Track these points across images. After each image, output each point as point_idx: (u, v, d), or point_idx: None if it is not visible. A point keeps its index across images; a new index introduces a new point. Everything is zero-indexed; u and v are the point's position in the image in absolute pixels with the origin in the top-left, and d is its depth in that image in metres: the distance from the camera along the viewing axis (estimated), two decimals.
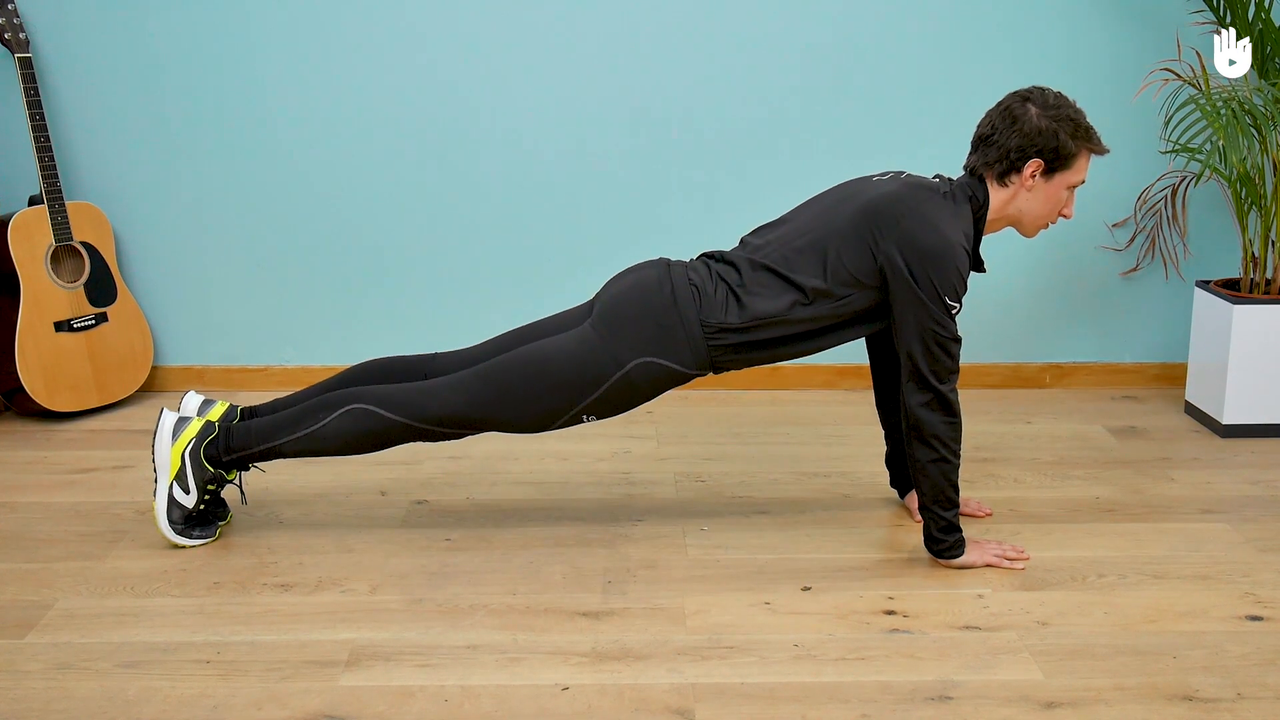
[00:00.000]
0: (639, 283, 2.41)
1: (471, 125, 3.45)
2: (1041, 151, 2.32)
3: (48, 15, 3.36)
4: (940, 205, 2.33)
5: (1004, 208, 2.40)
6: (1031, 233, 2.45)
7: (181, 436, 2.47)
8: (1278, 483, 2.90)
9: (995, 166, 2.37)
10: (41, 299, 3.28)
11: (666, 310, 2.36)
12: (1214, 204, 3.53)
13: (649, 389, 2.40)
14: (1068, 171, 2.36)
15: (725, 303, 2.36)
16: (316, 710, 1.95)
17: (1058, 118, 2.32)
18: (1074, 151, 2.33)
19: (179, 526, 2.51)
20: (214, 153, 3.47)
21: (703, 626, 2.21)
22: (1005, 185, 2.38)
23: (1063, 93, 2.38)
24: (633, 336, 2.35)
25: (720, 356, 2.38)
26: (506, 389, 2.38)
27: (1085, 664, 2.08)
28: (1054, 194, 2.38)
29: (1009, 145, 2.33)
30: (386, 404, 2.41)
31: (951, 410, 2.33)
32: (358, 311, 3.60)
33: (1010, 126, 2.34)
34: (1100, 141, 2.36)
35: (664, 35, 3.39)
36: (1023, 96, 2.37)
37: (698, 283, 2.38)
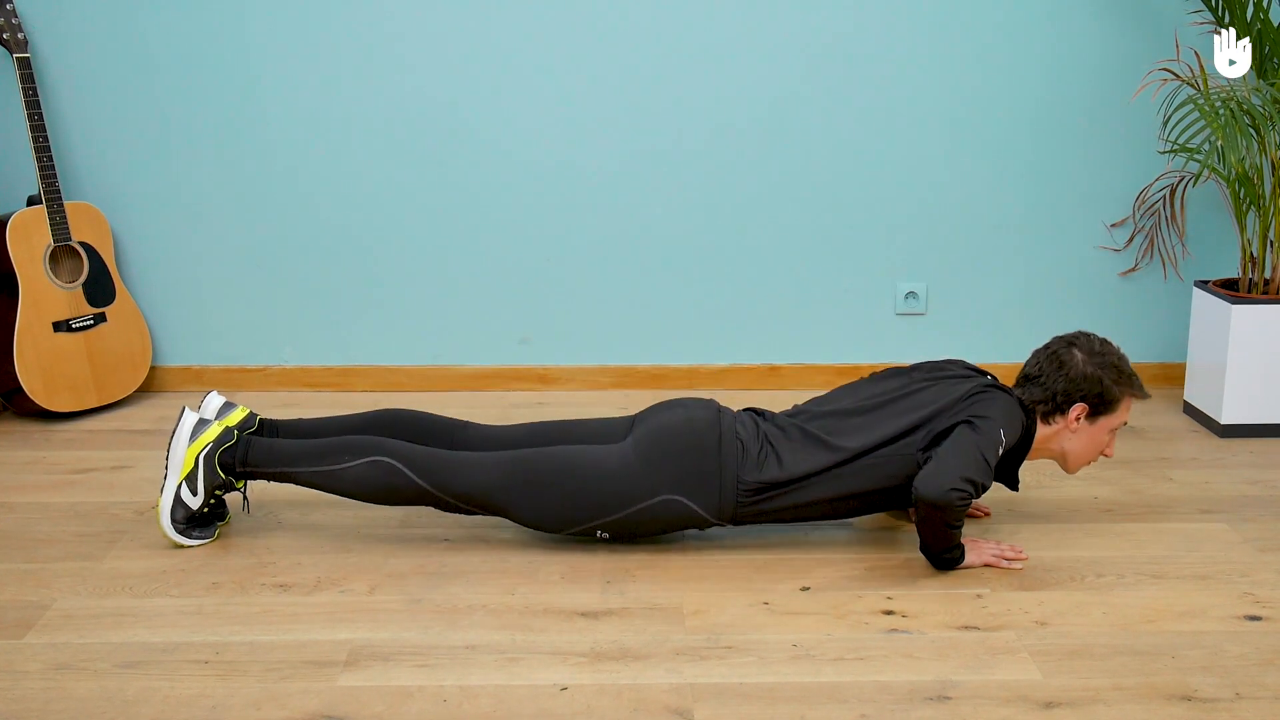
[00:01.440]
0: (690, 421, 2.43)
1: (469, 128, 3.45)
2: (1086, 397, 2.42)
3: (46, 16, 3.35)
4: (1001, 402, 2.39)
5: (1047, 442, 2.49)
6: (1074, 470, 2.54)
7: (200, 439, 2.47)
8: (1276, 482, 2.90)
9: (1041, 406, 2.45)
10: (40, 299, 3.28)
11: (709, 457, 2.39)
12: (1212, 204, 3.53)
13: (666, 524, 2.44)
14: (1111, 416, 2.45)
15: (765, 461, 2.40)
16: (315, 710, 1.94)
17: (1103, 365, 2.42)
18: (1117, 397, 2.43)
19: (181, 526, 2.51)
20: (212, 153, 3.47)
21: (701, 626, 2.21)
22: (1049, 423, 2.46)
23: (1108, 339, 2.47)
24: (670, 472, 2.39)
25: (745, 511, 2.42)
26: (536, 483, 2.41)
27: (1084, 664, 2.08)
28: (1097, 436, 2.47)
29: (1055, 389, 2.43)
30: (414, 466, 2.43)
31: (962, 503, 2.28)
32: (356, 312, 3.60)
33: (1057, 371, 2.43)
34: (1142, 388, 2.47)
35: (662, 43, 3.39)
36: (1068, 341, 2.47)
37: (744, 438, 2.41)
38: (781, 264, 3.57)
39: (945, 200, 3.52)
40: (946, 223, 3.54)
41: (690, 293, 3.58)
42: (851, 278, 3.58)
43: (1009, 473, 2.51)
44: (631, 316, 3.61)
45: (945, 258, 3.56)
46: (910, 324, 3.62)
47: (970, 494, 2.27)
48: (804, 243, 3.56)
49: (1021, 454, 2.48)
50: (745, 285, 3.58)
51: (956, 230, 3.54)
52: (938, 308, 3.60)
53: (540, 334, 3.61)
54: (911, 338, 3.62)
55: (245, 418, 2.56)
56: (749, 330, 3.62)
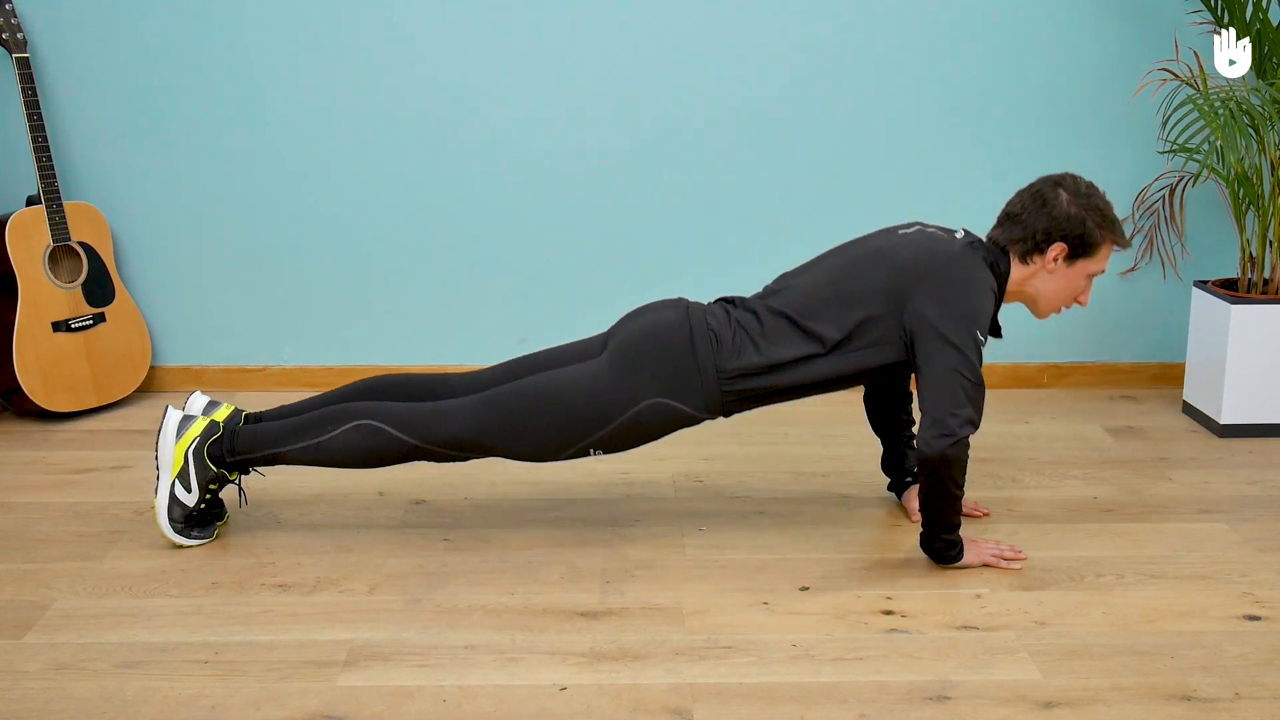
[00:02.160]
0: (657, 324, 2.42)
1: (469, 127, 3.45)
2: (1067, 237, 2.38)
3: (46, 15, 3.35)
4: (968, 265, 2.36)
5: (1022, 283, 2.45)
6: (1044, 314, 2.50)
7: (186, 434, 2.47)
8: (1275, 482, 2.90)
9: (1020, 245, 2.42)
10: (39, 299, 3.28)
11: (683, 354, 2.37)
12: (1212, 204, 3.53)
13: (658, 429, 2.42)
14: (1089, 260, 2.42)
15: (742, 349, 2.37)
16: (314, 710, 1.95)
17: (1087, 206, 2.38)
18: (1099, 241, 2.39)
19: (179, 525, 2.51)
20: (212, 153, 3.47)
21: (701, 626, 2.21)
22: (1026, 263, 2.43)
23: (1094, 183, 2.43)
24: (647, 376, 2.37)
25: (731, 401, 2.40)
26: (517, 416, 2.39)
27: (1083, 664, 2.08)
28: (1073, 280, 2.44)
29: (1036, 226, 2.39)
30: (395, 422, 2.42)
31: (966, 452, 2.29)
32: (356, 311, 3.60)
33: (1040, 209, 2.39)
34: (1124, 236, 2.43)
35: (662, 39, 3.39)
36: (1055, 181, 2.42)
37: (715, 328, 2.40)
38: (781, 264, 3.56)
39: (944, 200, 3.52)
40: (945, 223, 3.53)
41: (690, 292, 3.58)
42: None
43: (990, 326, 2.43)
44: None
45: None
46: None
47: (970, 429, 2.26)
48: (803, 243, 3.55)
49: (998, 299, 2.43)
50: (744, 285, 3.58)
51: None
52: None
53: (539, 334, 3.61)
54: None
55: (231, 414, 2.55)
56: None
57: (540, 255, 3.55)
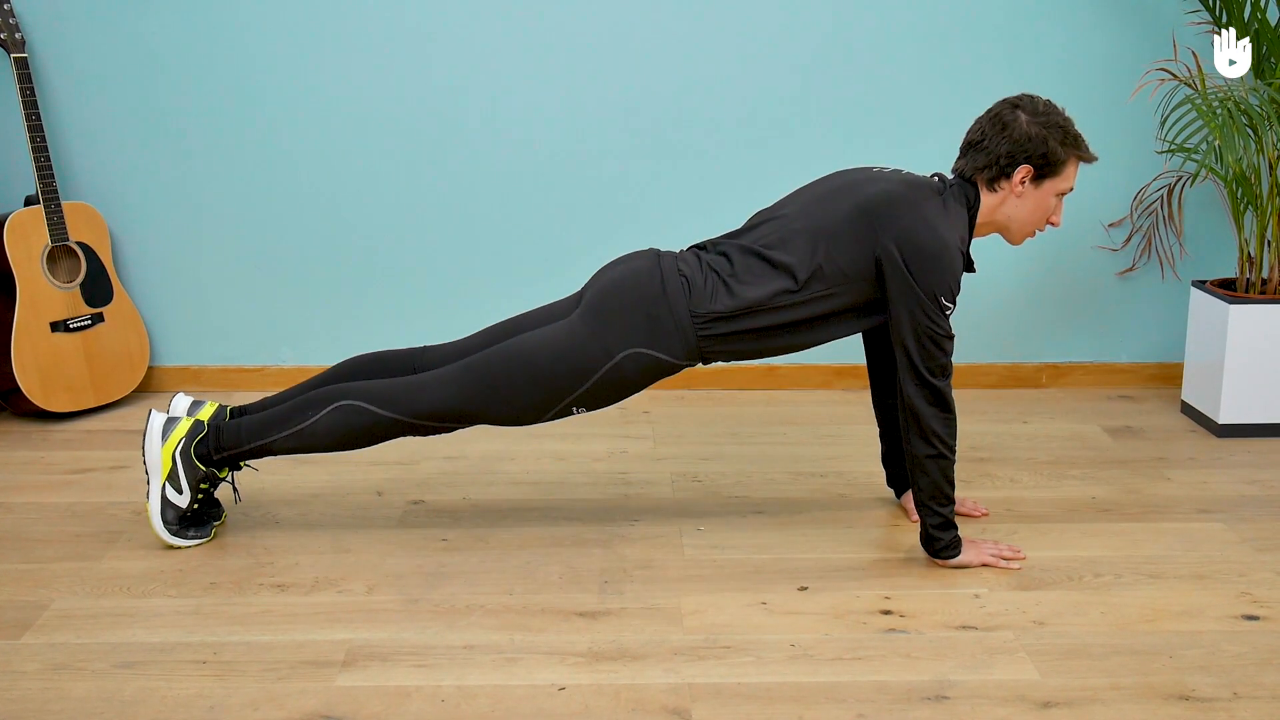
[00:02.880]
0: (628, 273, 2.40)
1: (466, 125, 3.45)
2: (1031, 158, 2.34)
3: (44, 15, 3.35)
4: (938, 205, 2.34)
5: (992, 213, 2.42)
6: (1018, 239, 2.47)
7: (171, 436, 2.46)
8: (1274, 482, 2.90)
9: (985, 172, 2.38)
10: (38, 299, 3.27)
11: (656, 301, 2.35)
12: (1210, 204, 3.53)
13: (639, 380, 2.39)
14: (1056, 179, 2.38)
15: (714, 292, 2.35)
16: (313, 710, 1.94)
17: (1047, 124, 2.34)
18: (1063, 159, 2.36)
19: (174, 527, 2.50)
20: (210, 153, 3.47)
21: (699, 626, 2.21)
22: (994, 191, 2.40)
23: (1052, 101, 2.39)
24: (622, 327, 2.35)
25: (709, 346, 2.38)
26: (494, 382, 2.38)
27: (1081, 664, 2.08)
28: (1043, 201, 2.40)
29: (999, 151, 2.35)
30: (375, 399, 2.41)
31: (947, 405, 2.33)
32: (354, 311, 3.60)
33: (1000, 133, 2.36)
34: (1089, 149, 2.39)
35: (658, 33, 3.39)
36: (1012, 104, 2.38)
37: (687, 273, 2.37)
38: None
39: None
40: None
41: None
42: None
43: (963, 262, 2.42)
44: None
45: None
46: None
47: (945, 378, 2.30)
48: None
49: (969, 232, 2.41)
50: None
51: None
52: None
53: None
54: None
55: (215, 411, 2.55)
56: None
57: (539, 255, 3.55)
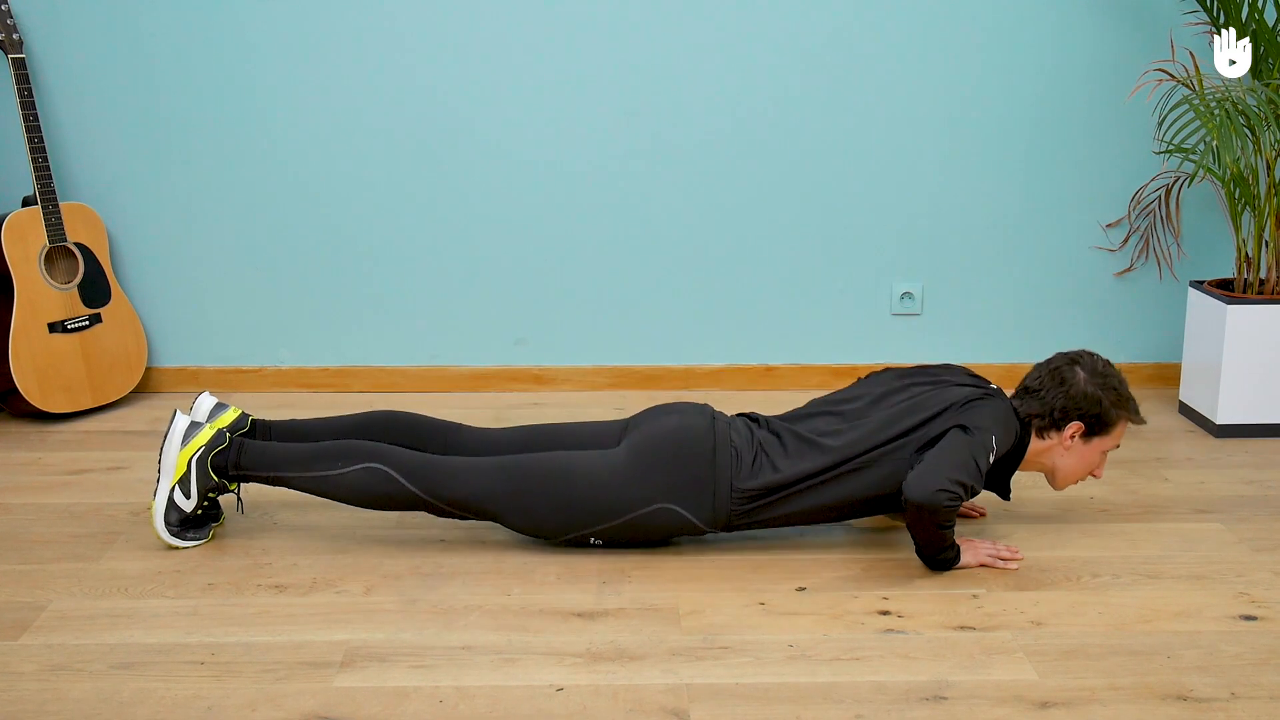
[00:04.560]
0: (682, 429, 2.42)
1: (466, 127, 3.45)
2: (1084, 416, 2.42)
3: (42, 16, 3.35)
4: (996, 410, 2.39)
5: (1039, 456, 2.49)
6: (1061, 487, 2.54)
7: (192, 442, 2.47)
8: (1272, 482, 2.90)
9: (1037, 419, 2.45)
10: (35, 300, 3.27)
11: (703, 464, 2.39)
12: (1208, 204, 3.53)
13: (659, 531, 2.44)
14: (1105, 437, 2.46)
15: (759, 470, 2.39)
16: (311, 711, 1.94)
17: (1103, 386, 2.42)
18: (1114, 420, 2.44)
19: (174, 529, 2.50)
20: (208, 154, 3.47)
21: (697, 627, 2.21)
22: (1043, 438, 2.46)
23: (1110, 362, 2.47)
24: (663, 481, 2.39)
25: (738, 519, 2.42)
26: (526, 492, 2.41)
27: (1079, 664, 2.08)
28: (1089, 456, 2.47)
29: (1054, 404, 2.43)
30: (406, 472, 2.43)
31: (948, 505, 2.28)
32: (352, 313, 3.59)
33: (1058, 387, 2.43)
34: (1139, 413, 2.47)
35: (658, 44, 3.39)
36: (1071, 359, 2.46)
37: (738, 445, 2.41)
38: (777, 264, 3.57)
39: (941, 200, 3.53)
40: (942, 223, 3.54)
41: (686, 293, 3.58)
42: (847, 278, 3.58)
43: (1001, 481, 2.51)
44: (627, 317, 3.61)
45: (941, 258, 3.56)
46: (906, 324, 3.62)
47: (959, 495, 2.26)
48: (799, 243, 3.56)
49: (1014, 463, 2.48)
50: (741, 286, 3.59)
51: (952, 231, 3.54)
52: (933, 308, 3.61)
53: (536, 335, 3.61)
54: (907, 338, 3.63)
55: (237, 419, 2.56)
56: (744, 331, 3.62)
57: (537, 257, 3.55)
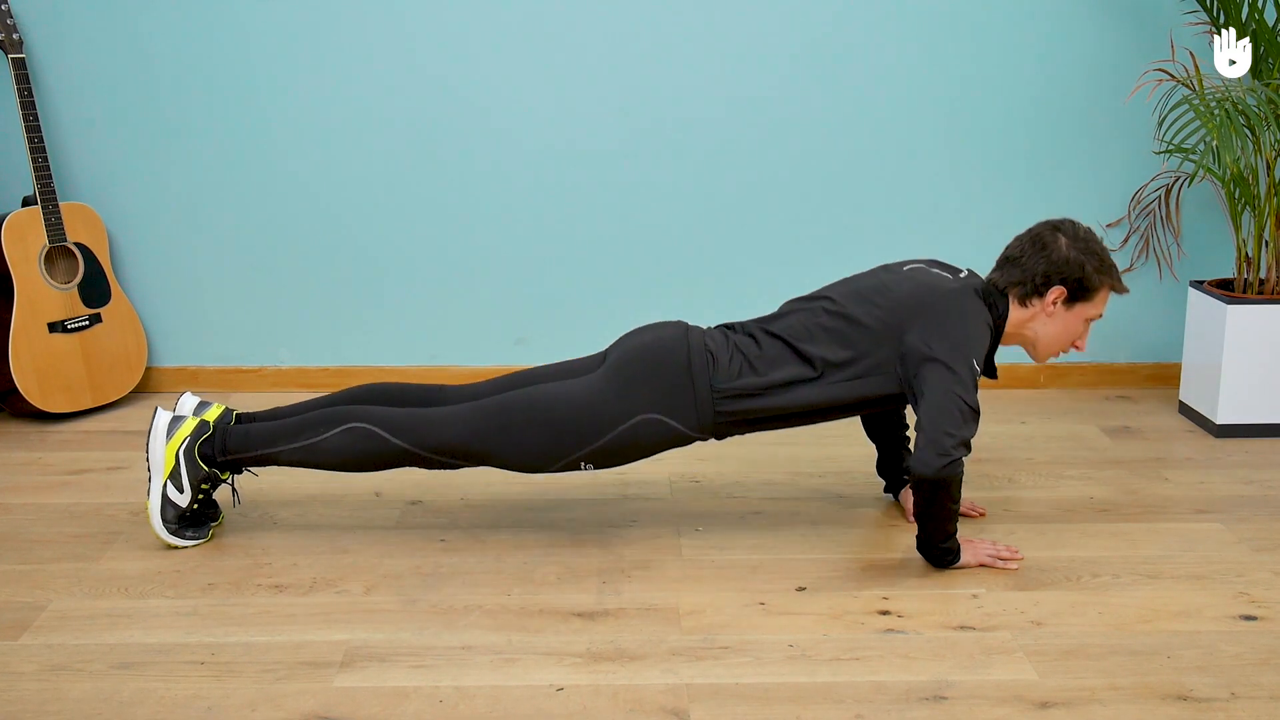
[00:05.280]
0: (655, 341, 2.44)
1: (466, 127, 3.45)
2: (1066, 280, 2.40)
3: (42, 16, 3.35)
4: (964, 300, 2.38)
5: (1020, 326, 2.47)
6: (1042, 357, 2.52)
7: (176, 435, 2.47)
8: (1271, 482, 2.90)
9: (1019, 288, 2.44)
10: (35, 300, 3.27)
11: (679, 371, 2.39)
12: (1208, 204, 3.53)
13: (650, 445, 2.43)
14: (1088, 304, 2.44)
15: (738, 372, 2.39)
16: (311, 711, 1.94)
17: (1085, 251, 2.41)
18: (1097, 285, 2.42)
19: (173, 526, 2.50)
20: (208, 154, 3.47)
21: (697, 627, 2.21)
22: (1025, 306, 2.45)
23: (1092, 229, 2.46)
24: (643, 392, 2.39)
25: (724, 421, 2.41)
26: (509, 426, 2.40)
27: (1079, 664, 2.08)
28: (1072, 324, 2.46)
29: (1036, 270, 2.41)
30: (388, 427, 2.43)
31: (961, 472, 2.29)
32: (352, 312, 3.59)
33: (1039, 252, 2.42)
34: (1122, 281, 2.46)
35: (659, 40, 3.39)
36: (1053, 226, 2.45)
37: (713, 349, 2.42)
38: (777, 265, 3.57)
39: (940, 200, 3.53)
40: (942, 223, 3.54)
41: (686, 293, 3.58)
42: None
43: (985, 362, 2.46)
44: (627, 317, 3.59)
45: (940, 258, 3.56)
46: None
47: (964, 452, 2.27)
48: (800, 244, 3.56)
49: (995, 340, 2.46)
50: (741, 286, 3.58)
51: (952, 230, 3.54)
52: None
53: (536, 335, 3.61)
54: None
55: (222, 414, 2.55)
56: None
57: (538, 257, 3.55)
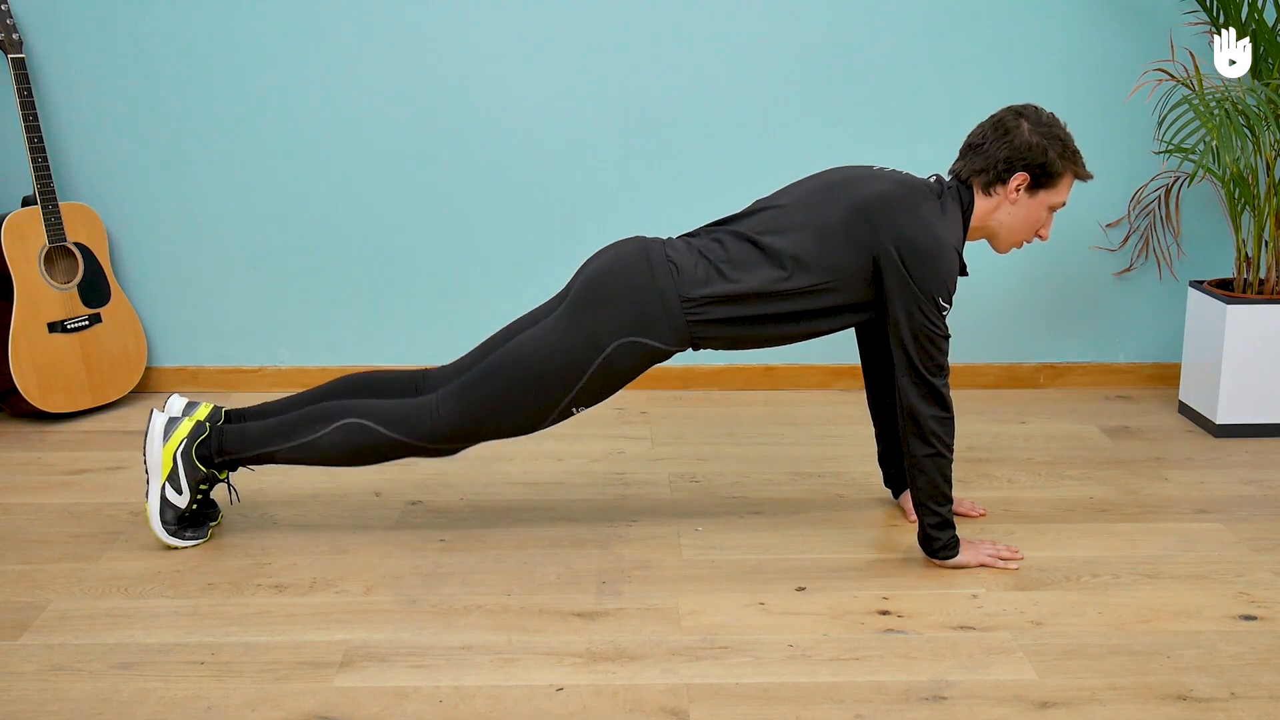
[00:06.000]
0: (613, 262, 2.39)
1: (467, 126, 3.45)
2: (1029, 166, 2.36)
3: (41, 16, 3.35)
4: (935, 207, 2.35)
5: (985, 218, 2.43)
6: (1005, 248, 2.48)
7: (173, 437, 2.47)
8: (1271, 482, 2.90)
9: (982, 175, 2.39)
10: (35, 300, 3.27)
11: (643, 287, 2.34)
12: (1207, 204, 3.53)
13: (631, 369, 2.38)
14: (1051, 191, 2.40)
15: (706, 278, 2.34)
16: (310, 711, 1.94)
17: (1049, 136, 2.36)
18: (1060, 171, 2.37)
19: (172, 527, 2.50)
20: (208, 153, 3.47)
21: (697, 627, 2.21)
22: (989, 195, 2.40)
23: (1055, 114, 2.41)
24: (610, 318, 2.34)
25: (700, 332, 2.36)
26: (493, 395, 2.38)
27: (1079, 664, 2.08)
28: (1035, 211, 2.41)
29: (998, 156, 2.36)
30: (382, 420, 2.42)
31: (945, 404, 2.34)
32: (352, 312, 3.59)
33: (1001, 138, 2.37)
34: (1085, 167, 2.41)
35: (659, 36, 3.39)
36: (1016, 111, 2.40)
37: (675, 258, 2.36)
38: None
39: None
40: None
41: None
42: None
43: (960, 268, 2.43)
44: None
45: None
46: None
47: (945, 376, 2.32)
48: None
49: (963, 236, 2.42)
50: None
51: None
52: None
53: None
54: None
55: (212, 412, 2.55)
56: None
57: (538, 256, 3.55)
